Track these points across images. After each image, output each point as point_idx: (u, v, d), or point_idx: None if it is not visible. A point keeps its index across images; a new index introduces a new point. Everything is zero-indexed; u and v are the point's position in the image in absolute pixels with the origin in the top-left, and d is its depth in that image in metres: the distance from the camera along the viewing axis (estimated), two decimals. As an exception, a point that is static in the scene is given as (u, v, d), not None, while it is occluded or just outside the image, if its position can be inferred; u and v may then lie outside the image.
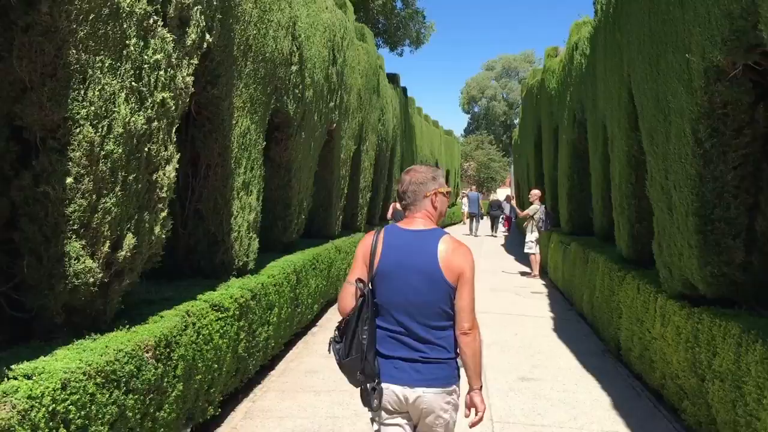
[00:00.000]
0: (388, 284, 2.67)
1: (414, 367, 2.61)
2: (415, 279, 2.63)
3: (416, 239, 2.70)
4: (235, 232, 5.53)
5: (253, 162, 5.84)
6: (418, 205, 2.78)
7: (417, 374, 2.61)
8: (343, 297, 2.75)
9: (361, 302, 2.66)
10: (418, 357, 2.62)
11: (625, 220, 6.65)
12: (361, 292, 2.67)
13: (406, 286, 2.63)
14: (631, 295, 6.02)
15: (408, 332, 2.63)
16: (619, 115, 6.66)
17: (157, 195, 3.92)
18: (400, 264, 2.66)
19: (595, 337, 7.62)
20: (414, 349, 2.62)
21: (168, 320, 3.92)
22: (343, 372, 2.73)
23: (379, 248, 2.71)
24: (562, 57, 11.82)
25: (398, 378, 2.62)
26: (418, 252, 2.66)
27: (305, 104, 7.44)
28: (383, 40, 22.97)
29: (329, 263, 8.77)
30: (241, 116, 5.49)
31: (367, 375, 2.63)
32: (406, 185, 2.81)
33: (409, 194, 2.79)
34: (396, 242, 2.72)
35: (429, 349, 2.62)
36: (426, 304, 2.62)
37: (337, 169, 9.77)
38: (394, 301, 2.65)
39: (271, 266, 6.39)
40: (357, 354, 2.62)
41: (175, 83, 4.04)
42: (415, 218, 2.77)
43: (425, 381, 2.60)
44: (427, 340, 2.62)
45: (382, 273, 2.68)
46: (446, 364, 2.64)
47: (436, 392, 2.61)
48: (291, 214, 7.53)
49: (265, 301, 5.73)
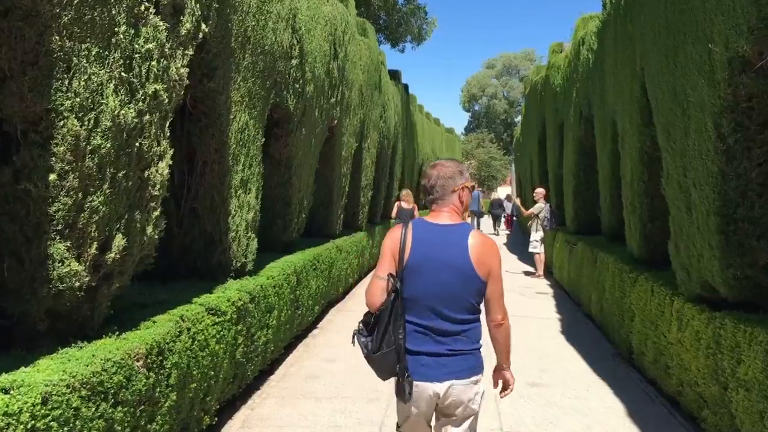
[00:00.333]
0: (417, 278, 2.67)
1: (438, 361, 2.64)
2: (445, 273, 2.64)
3: (445, 234, 2.72)
4: (233, 231, 5.31)
5: (252, 159, 5.62)
6: (447, 199, 2.80)
7: (443, 368, 2.64)
8: (372, 292, 2.74)
9: (393, 297, 2.66)
10: (444, 351, 2.65)
11: (636, 219, 6.42)
12: (393, 287, 2.67)
13: (435, 281, 2.65)
14: (644, 298, 5.79)
15: (435, 326, 2.66)
16: (631, 110, 6.43)
17: (149, 193, 3.70)
18: (429, 258, 2.67)
19: (605, 340, 7.39)
20: (440, 342, 2.65)
21: (161, 326, 3.70)
22: (371, 365, 2.75)
23: (408, 243, 2.71)
24: (568, 53, 11.59)
25: (424, 374, 2.64)
26: (448, 246, 2.68)
27: (306, 99, 7.21)
28: (384, 37, 22.68)
29: (330, 263, 8.55)
30: (239, 111, 5.27)
31: (401, 370, 2.64)
32: (434, 179, 2.82)
33: (437, 189, 2.81)
34: (425, 236, 2.73)
35: (454, 342, 2.66)
36: (455, 298, 2.65)
37: (338, 166, 9.54)
38: (423, 295, 2.66)
39: (271, 267, 6.17)
40: (388, 348, 2.64)
41: (169, 75, 3.82)
42: (441, 212, 2.80)
43: (453, 373, 2.64)
44: (454, 332, 2.66)
45: (411, 267, 2.68)
46: (471, 355, 2.69)
47: (464, 383, 2.66)
48: (291, 212, 7.31)
49: (264, 304, 5.51)
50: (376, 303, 2.71)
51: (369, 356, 2.72)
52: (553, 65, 12.88)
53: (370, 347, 2.70)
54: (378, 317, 2.69)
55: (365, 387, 5.44)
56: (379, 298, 2.71)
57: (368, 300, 2.76)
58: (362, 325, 2.78)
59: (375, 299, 2.73)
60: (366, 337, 2.74)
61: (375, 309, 2.72)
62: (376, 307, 2.71)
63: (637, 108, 6.22)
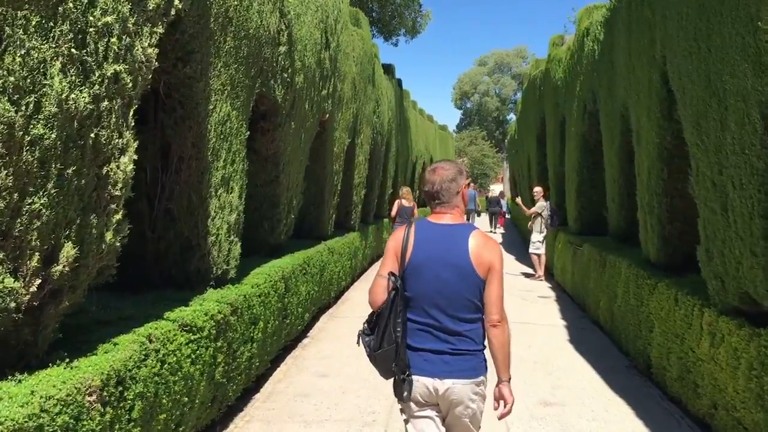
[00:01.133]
0: (420, 277, 2.70)
1: (443, 359, 2.66)
2: (446, 272, 2.68)
3: (448, 234, 2.76)
4: (213, 235, 4.76)
5: (235, 154, 5.06)
6: (452, 201, 2.82)
7: (446, 366, 2.65)
8: (375, 290, 2.78)
9: (393, 295, 2.69)
10: (447, 349, 2.66)
11: (654, 220, 5.91)
12: (394, 285, 2.70)
13: (437, 280, 2.68)
14: (665, 307, 5.29)
15: (438, 325, 2.68)
16: (649, 103, 5.92)
17: (108, 193, 3.14)
18: (432, 258, 2.71)
19: (616, 350, 6.89)
20: (443, 341, 2.67)
21: (122, 349, 3.15)
22: (373, 364, 2.77)
23: (411, 242, 2.76)
24: (570, 45, 11.08)
25: (428, 370, 2.66)
26: (449, 246, 2.72)
27: (295, 90, 6.66)
28: (377, 30, 22.08)
29: (321, 267, 8.00)
30: (219, 100, 4.72)
31: (399, 367, 2.66)
32: (438, 185, 2.82)
33: (443, 194, 2.81)
34: (428, 236, 2.77)
35: (458, 341, 2.67)
36: (456, 297, 2.67)
37: (329, 163, 8.99)
38: (425, 294, 2.69)
39: (256, 273, 5.61)
40: (389, 346, 2.66)
41: (133, 55, 3.27)
42: (445, 213, 2.82)
43: (454, 372, 2.65)
44: (457, 332, 2.67)
45: (414, 266, 2.72)
46: (474, 356, 2.69)
47: (464, 383, 2.65)
48: (279, 213, 6.76)
49: (249, 316, 4.96)
50: (378, 301, 2.75)
51: (371, 355, 2.74)
52: (553, 58, 12.38)
53: (372, 345, 2.73)
54: (379, 315, 2.72)
55: (360, 408, 4.91)
56: (381, 297, 2.74)
57: (371, 299, 2.79)
58: (366, 324, 2.81)
59: (377, 297, 2.76)
60: (369, 336, 2.77)
61: (376, 307, 2.75)
62: (378, 305, 2.74)
63: (656, 100, 5.71)
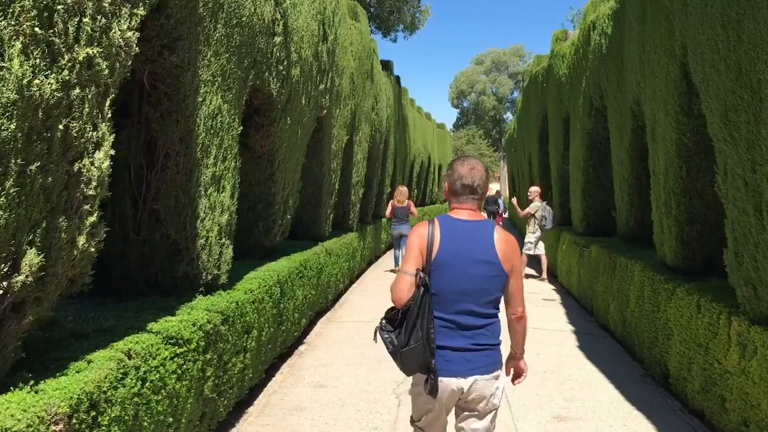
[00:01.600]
0: (446, 274, 2.70)
1: (464, 356, 2.69)
2: (473, 268, 2.70)
3: (472, 230, 2.78)
4: (202, 238, 4.41)
5: (226, 151, 4.72)
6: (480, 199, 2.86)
7: (468, 363, 2.69)
8: (400, 287, 2.71)
9: (422, 292, 2.67)
10: (468, 345, 2.69)
11: (672, 221, 5.59)
12: (423, 282, 2.67)
13: (463, 276, 2.69)
14: (686, 314, 4.96)
15: (461, 320, 2.70)
16: (666, 97, 5.59)
17: (80, 192, 2.79)
18: (458, 254, 2.71)
19: (629, 357, 6.56)
20: (465, 337, 2.70)
21: (97, 367, 2.80)
22: (395, 360, 2.74)
23: (437, 239, 2.74)
24: (575, 39, 10.75)
25: (451, 371, 2.67)
26: (475, 242, 2.74)
27: (291, 84, 6.32)
28: (376, 26, 21.68)
29: (319, 269, 7.66)
30: (209, 92, 4.37)
31: (426, 365, 2.65)
32: (479, 180, 2.84)
33: (482, 187, 2.86)
34: (453, 233, 2.76)
35: (479, 337, 2.71)
36: (482, 293, 2.70)
37: (327, 161, 8.64)
38: (451, 290, 2.70)
39: (250, 278, 5.27)
40: (416, 344, 2.63)
41: (109, 38, 2.92)
42: (465, 209, 2.84)
43: (477, 369, 2.69)
44: (478, 326, 2.71)
45: (440, 263, 2.71)
46: (493, 350, 2.75)
47: (487, 379, 2.71)
48: (274, 213, 6.41)
49: (241, 324, 4.62)
50: (404, 298, 2.69)
51: (396, 352, 2.70)
52: (557, 54, 12.04)
53: (397, 343, 2.69)
54: (406, 312, 2.68)
55: (361, 424, 4.57)
56: (407, 294, 2.68)
57: (395, 295, 2.72)
58: (386, 321, 2.78)
59: (403, 294, 2.69)
60: (391, 332, 2.73)
61: (401, 304, 2.69)
62: (404, 302, 2.69)
63: (675, 94, 5.38)
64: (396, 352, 2.70)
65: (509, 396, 5.14)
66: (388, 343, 2.73)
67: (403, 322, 2.69)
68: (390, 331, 2.74)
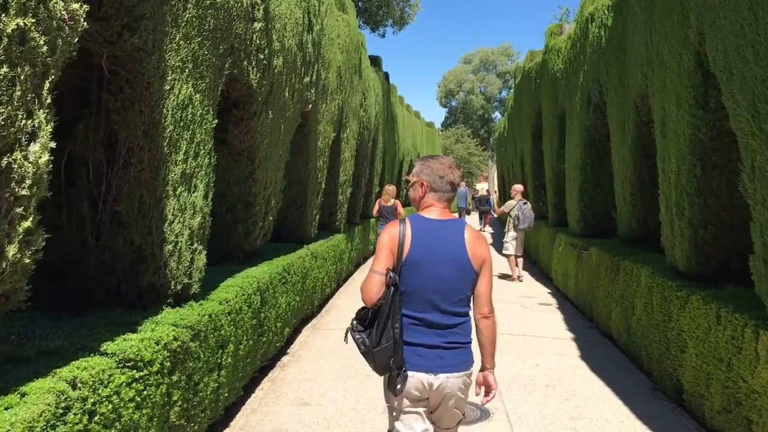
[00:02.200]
0: (418, 272, 2.70)
1: (436, 353, 2.68)
2: (444, 267, 2.70)
3: (443, 228, 2.79)
4: (171, 243, 3.94)
5: (199, 146, 4.25)
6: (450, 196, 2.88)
7: (440, 360, 2.67)
8: (370, 287, 2.70)
9: (392, 292, 2.66)
10: (440, 343, 2.69)
11: (685, 223, 5.18)
12: (393, 281, 2.67)
13: (434, 275, 2.69)
14: (703, 325, 4.55)
15: (431, 319, 2.69)
16: (678, 89, 5.18)
17: (11, 193, 2.32)
18: (429, 253, 2.71)
19: (634, 368, 6.16)
20: (437, 335, 2.69)
21: (32, 402, 2.33)
22: (368, 360, 2.73)
23: (408, 238, 2.73)
24: (571, 33, 10.35)
25: (422, 365, 2.66)
26: (447, 241, 2.75)
27: (273, 75, 5.85)
28: (364, 20, 21.18)
29: (304, 274, 7.20)
30: (178, 80, 3.90)
31: (396, 363, 2.64)
32: (458, 180, 2.91)
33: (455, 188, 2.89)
34: (425, 232, 2.76)
35: (451, 335, 2.71)
36: (453, 291, 2.71)
37: (313, 159, 8.18)
38: (421, 289, 2.69)
39: (226, 286, 4.80)
40: (387, 343, 2.63)
41: (48, 8, 2.45)
42: (436, 207, 2.85)
43: (448, 367, 2.68)
44: (449, 326, 2.71)
45: (411, 262, 2.70)
46: (465, 349, 2.75)
47: (457, 376, 2.70)
48: (255, 214, 5.94)
49: (215, 339, 4.16)
50: (374, 297, 2.68)
51: (368, 352, 2.69)
52: (551, 49, 11.64)
53: (369, 343, 2.67)
54: (377, 312, 2.67)
55: (349, 449, 4.13)
56: (377, 293, 2.68)
57: (365, 295, 2.72)
58: (356, 321, 2.76)
59: (372, 294, 2.69)
60: (361, 332, 2.72)
61: (372, 303, 2.69)
62: (374, 302, 2.68)
63: (688, 85, 4.97)
64: (368, 353, 2.69)
65: (510, 415, 4.71)
66: (359, 343, 2.72)
67: (374, 321, 2.68)
68: (361, 331, 2.73)
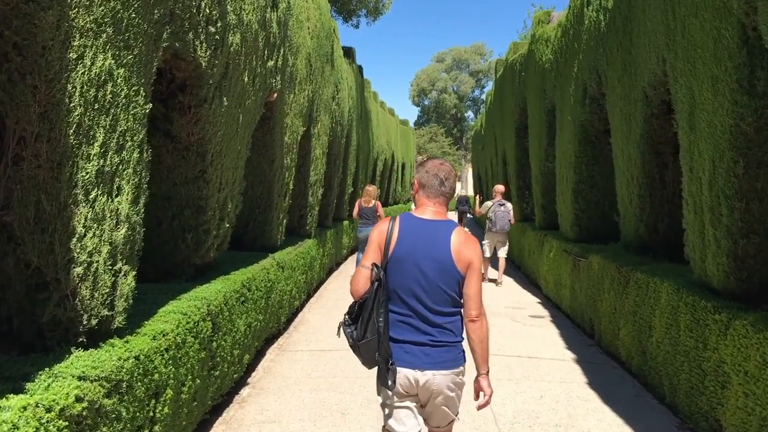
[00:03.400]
0: (402, 270, 2.74)
1: (423, 350, 2.70)
2: (427, 266, 2.72)
3: (431, 228, 2.81)
4: (82, 264, 2.97)
5: (125, 136, 3.27)
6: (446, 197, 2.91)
7: (426, 357, 2.70)
8: (357, 280, 2.77)
9: (376, 286, 2.70)
10: (427, 341, 2.71)
11: (722, 231, 4.34)
12: (377, 276, 2.71)
13: (418, 273, 2.72)
14: (754, 358, 3.72)
15: (418, 317, 2.72)
16: (715, 71, 4.34)
17: None
18: (414, 251, 2.75)
19: (651, 398, 5.32)
20: (423, 332, 2.72)
21: None
22: (356, 354, 2.77)
23: (395, 235, 2.78)
24: (562, 20, 9.54)
25: (408, 362, 2.69)
26: (432, 241, 2.77)
27: (229, 54, 4.89)
28: (336, 10, 20.18)
29: (268, 288, 6.23)
30: (91, 47, 2.93)
31: (382, 356, 2.67)
32: (452, 180, 2.94)
33: (453, 185, 2.94)
34: (412, 230, 2.80)
35: (438, 333, 2.73)
36: (436, 291, 2.72)
37: (279, 156, 7.21)
38: (407, 286, 2.73)
39: (166, 313, 3.82)
40: (372, 336, 2.67)
41: None
42: (430, 207, 2.87)
43: (435, 364, 2.70)
44: (436, 324, 2.72)
45: (396, 259, 2.75)
46: (453, 347, 2.76)
47: (444, 374, 2.72)
48: (207, 221, 4.97)
49: (145, 387, 3.19)
50: (361, 291, 2.74)
51: (355, 345, 2.73)
52: (539, 38, 10.82)
53: (355, 336, 2.72)
54: (362, 305, 2.72)
55: None
56: (363, 287, 2.73)
57: (352, 288, 2.78)
58: (347, 316, 2.79)
59: (359, 287, 2.75)
60: (350, 326, 2.76)
61: (358, 297, 2.74)
62: (360, 295, 2.73)
63: (729, 66, 4.14)
64: (355, 346, 2.73)
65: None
66: (348, 336, 2.76)
67: (360, 315, 2.72)
68: (349, 324, 2.76)
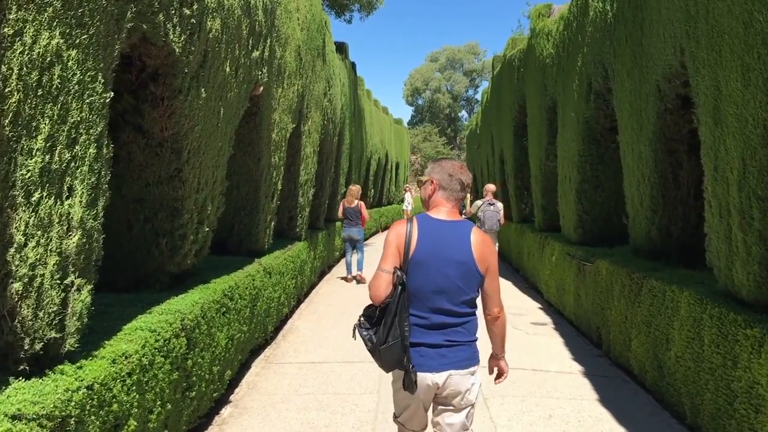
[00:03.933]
0: (422, 272, 2.71)
1: (439, 352, 2.71)
2: (449, 268, 2.71)
3: (450, 230, 2.80)
4: (21, 279, 2.50)
5: (78, 128, 2.81)
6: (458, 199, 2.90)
7: (442, 359, 2.71)
8: (378, 285, 2.74)
9: (400, 291, 2.68)
10: (443, 342, 2.71)
11: (753, 237, 3.91)
12: (401, 280, 2.69)
13: (439, 274, 2.71)
14: (798, 380, 3.29)
15: (435, 318, 2.71)
16: (746, 60, 3.90)
17: None
18: (434, 253, 2.73)
19: (669, 417, 4.89)
20: (440, 334, 2.72)
21: None
22: (374, 357, 2.77)
23: (415, 237, 2.75)
24: (564, 13, 9.12)
25: (425, 365, 2.69)
26: (452, 242, 2.76)
27: (207, 41, 4.43)
28: (328, 5, 19.69)
29: (253, 296, 5.77)
30: (32, 22, 2.47)
31: (407, 362, 2.66)
32: (468, 181, 2.92)
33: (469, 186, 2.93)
34: (431, 232, 2.78)
35: (453, 334, 2.73)
36: (457, 292, 2.72)
37: (266, 154, 6.75)
38: (426, 288, 2.71)
39: (131, 330, 3.36)
40: (394, 341, 2.66)
41: None
42: (444, 208, 2.87)
43: (451, 364, 2.72)
44: (453, 324, 2.73)
45: (417, 261, 2.72)
46: (468, 346, 2.78)
47: (462, 374, 2.74)
48: (183, 225, 4.51)
49: (101, 421, 2.73)
50: (382, 296, 2.72)
51: (374, 349, 2.73)
52: (539, 32, 10.39)
53: (376, 340, 2.72)
54: (384, 310, 2.71)
55: None
56: (385, 291, 2.71)
57: (373, 293, 2.75)
58: (364, 318, 2.80)
59: (380, 292, 2.73)
60: (369, 329, 2.77)
61: (380, 302, 2.73)
62: (381, 300, 2.72)
63: (762, 54, 3.71)
64: (375, 350, 2.73)
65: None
66: (366, 340, 2.76)
67: (381, 319, 2.71)
68: (368, 328, 2.77)
